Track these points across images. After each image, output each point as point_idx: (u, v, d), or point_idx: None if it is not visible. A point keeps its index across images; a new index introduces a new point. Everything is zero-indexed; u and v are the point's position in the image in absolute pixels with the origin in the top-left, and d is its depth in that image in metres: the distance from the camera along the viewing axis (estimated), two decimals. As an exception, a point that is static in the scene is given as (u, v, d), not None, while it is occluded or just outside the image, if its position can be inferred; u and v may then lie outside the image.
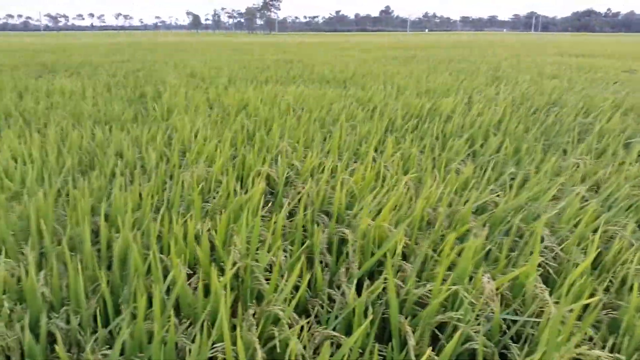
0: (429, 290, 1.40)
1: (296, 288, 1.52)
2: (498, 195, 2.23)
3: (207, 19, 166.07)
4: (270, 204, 2.24)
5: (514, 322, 1.40)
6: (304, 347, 1.23)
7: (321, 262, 1.67)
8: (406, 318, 1.32)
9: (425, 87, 6.00)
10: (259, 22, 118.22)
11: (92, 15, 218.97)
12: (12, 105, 4.44)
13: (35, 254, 1.61)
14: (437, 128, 3.53)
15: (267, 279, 1.51)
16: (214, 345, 1.18)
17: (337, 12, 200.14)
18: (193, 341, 1.25)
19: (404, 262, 1.56)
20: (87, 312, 1.33)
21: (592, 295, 1.46)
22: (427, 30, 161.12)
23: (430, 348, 1.18)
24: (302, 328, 1.27)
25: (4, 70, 7.85)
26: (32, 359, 1.19)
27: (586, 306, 1.43)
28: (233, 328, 1.31)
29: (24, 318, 1.27)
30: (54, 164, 2.60)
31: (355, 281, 1.45)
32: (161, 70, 8.11)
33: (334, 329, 1.33)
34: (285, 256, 1.65)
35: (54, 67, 8.75)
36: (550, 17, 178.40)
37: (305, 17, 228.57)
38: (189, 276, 1.52)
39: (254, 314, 1.33)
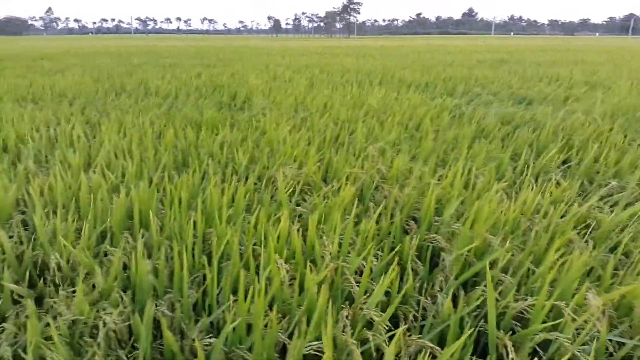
0: (529, 305, 1.34)
1: (386, 293, 1.51)
2: (599, 209, 2.09)
3: (287, 24, 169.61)
4: (357, 207, 2.24)
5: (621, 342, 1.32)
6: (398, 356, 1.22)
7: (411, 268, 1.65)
8: (504, 332, 1.27)
9: (516, 92, 5.79)
10: (338, 25, 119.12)
11: (179, 19, 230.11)
12: (110, 103, 4.78)
13: (140, 243, 1.72)
14: (531, 136, 3.38)
15: (356, 282, 1.51)
16: (310, 344, 1.20)
17: (418, 14, 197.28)
18: (288, 336, 1.28)
19: (503, 274, 1.50)
20: (188, 300, 1.40)
21: None
22: (512, 33, 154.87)
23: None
24: (389, 330, 1.26)
25: (103, 71, 8.46)
26: (141, 344, 1.27)
27: None
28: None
29: (132, 304, 1.36)
30: (151, 160, 2.76)
31: (451, 291, 1.42)
32: (244, 72, 8.38)
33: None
34: (375, 261, 1.64)
35: (145, 67, 9.30)
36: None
37: (384, 20, 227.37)
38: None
39: (347, 316, 1.34)
